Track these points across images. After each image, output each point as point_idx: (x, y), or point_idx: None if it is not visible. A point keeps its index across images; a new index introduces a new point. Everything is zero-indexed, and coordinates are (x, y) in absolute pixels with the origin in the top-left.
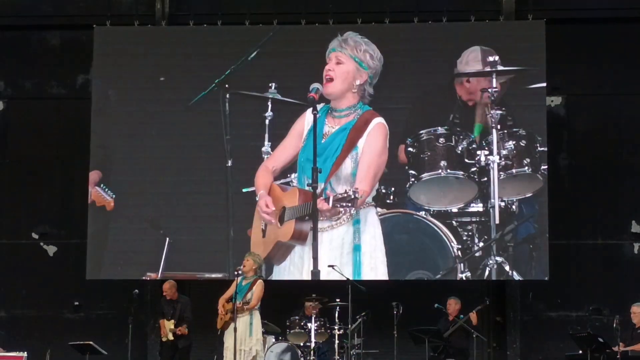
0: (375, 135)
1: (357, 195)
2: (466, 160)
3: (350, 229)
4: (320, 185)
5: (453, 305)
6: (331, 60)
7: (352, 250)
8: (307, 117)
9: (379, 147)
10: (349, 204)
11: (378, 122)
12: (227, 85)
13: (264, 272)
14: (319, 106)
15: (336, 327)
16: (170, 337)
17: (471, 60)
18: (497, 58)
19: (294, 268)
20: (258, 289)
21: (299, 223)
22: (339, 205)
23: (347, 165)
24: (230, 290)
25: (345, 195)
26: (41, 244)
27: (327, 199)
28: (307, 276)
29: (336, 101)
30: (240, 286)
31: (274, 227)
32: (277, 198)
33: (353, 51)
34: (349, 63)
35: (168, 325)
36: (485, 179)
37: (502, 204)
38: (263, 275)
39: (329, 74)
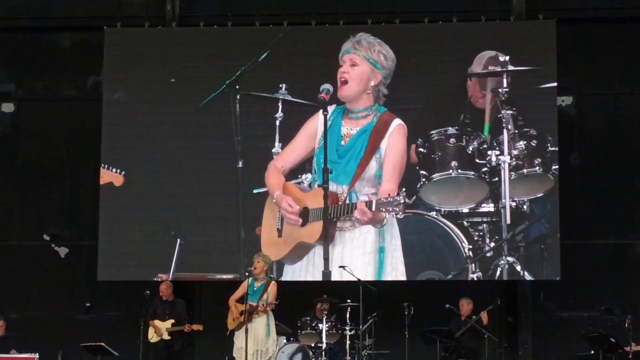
0: (398, 136)
1: (406, 199)
2: (477, 161)
3: (372, 228)
4: (344, 188)
5: (465, 306)
6: (345, 63)
7: (375, 250)
8: (321, 118)
9: (402, 148)
10: (396, 208)
11: (398, 123)
12: (237, 87)
13: (275, 273)
14: (332, 107)
15: (347, 328)
16: (166, 336)
17: (475, 65)
18: (507, 58)
19: (314, 268)
20: (274, 290)
21: (328, 224)
22: (383, 209)
23: (372, 167)
24: (241, 291)
25: (391, 199)
26: (52, 245)
27: (367, 204)
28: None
29: (352, 103)
30: (253, 288)
31: (294, 227)
32: (295, 198)
33: (367, 52)
34: (364, 64)
35: (164, 325)
36: (496, 179)
37: (513, 204)
38: (274, 276)
39: (343, 76)
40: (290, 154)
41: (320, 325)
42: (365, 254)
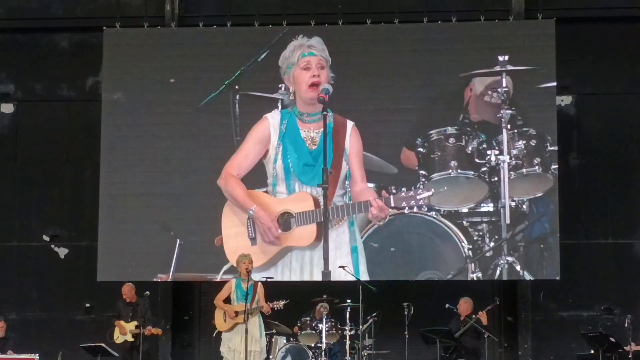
0: (356, 136)
1: (430, 190)
2: (476, 160)
3: (346, 230)
4: (319, 190)
5: (463, 305)
6: (311, 66)
7: (349, 251)
8: (272, 122)
9: (361, 148)
10: (420, 202)
11: (353, 124)
12: (236, 87)
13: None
14: (278, 112)
15: (347, 328)
16: (130, 338)
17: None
18: (506, 58)
19: (292, 273)
20: (262, 291)
21: (320, 227)
22: (405, 204)
23: (344, 168)
24: (226, 291)
25: (412, 193)
26: (52, 246)
27: (385, 200)
28: (309, 279)
29: (310, 106)
30: (242, 289)
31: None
32: (266, 204)
33: (325, 54)
34: (326, 68)
35: (128, 326)
36: (496, 178)
37: (513, 203)
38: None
39: (316, 80)
40: (243, 161)
41: (320, 326)
42: (342, 256)
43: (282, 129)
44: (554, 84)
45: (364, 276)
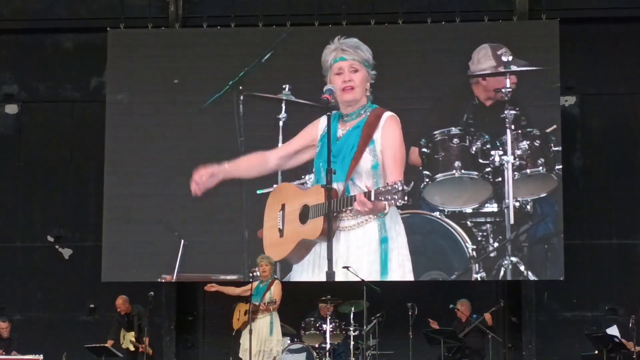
0: (392, 127)
1: (404, 186)
2: (480, 161)
3: (375, 226)
4: (341, 185)
5: (462, 308)
6: (344, 70)
7: (379, 244)
8: (322, 122)
9: (398, 138)
10: (395, 196)
11: (390, 115)
12: (240, 87)
13: (279, 273)
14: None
15: (351, 329)
16: (132, 347)
17: (482, 57)
18: (510, 58)
19: (317, 268)
20: (277, 288)
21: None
22: (382, 199)
23: (367, 160)
24: (247, 288)
25: (389, 187)
26: (56, 246)
27: (366, 194)
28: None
29: (349, 107)
30: (258, 288)
31: (296, 226)
32: (294, 196)
33: (359, 56)
34: (362, 69)
35: (128, 337)
36: (500, 179)
37: (517, 204)
38: (278, 276)
39: (349, 84)
40: (286, 147)
41: (324, 326)
42: (370, 252)
43: (323, 132)
44: (558, 84)
45: (394, 274)
